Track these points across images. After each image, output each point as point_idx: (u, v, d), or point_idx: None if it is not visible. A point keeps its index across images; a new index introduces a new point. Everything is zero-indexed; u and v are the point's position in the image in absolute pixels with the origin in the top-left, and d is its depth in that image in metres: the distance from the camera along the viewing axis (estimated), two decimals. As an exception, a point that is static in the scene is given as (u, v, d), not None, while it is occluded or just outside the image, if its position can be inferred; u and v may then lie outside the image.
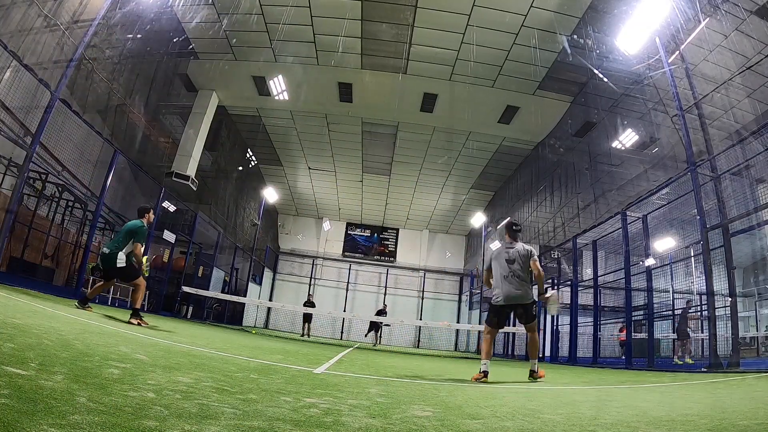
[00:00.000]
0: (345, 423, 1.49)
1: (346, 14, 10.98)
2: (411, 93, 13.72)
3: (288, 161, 19.68)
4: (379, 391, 2.50)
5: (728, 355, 6.10)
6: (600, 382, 4.71)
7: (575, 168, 13.51)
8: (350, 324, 22.55)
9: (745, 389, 3.56)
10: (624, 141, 12.09)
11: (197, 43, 12.58)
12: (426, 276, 24.32)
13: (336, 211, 24.59)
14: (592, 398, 3.02)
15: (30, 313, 3.52)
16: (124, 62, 11.04)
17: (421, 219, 24.32)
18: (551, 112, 13.61)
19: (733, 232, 6.49)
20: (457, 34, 11.26)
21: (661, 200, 9.59)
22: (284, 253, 24.83)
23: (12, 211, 7.26)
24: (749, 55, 8.58)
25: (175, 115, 14.81)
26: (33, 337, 2.27)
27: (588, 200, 12.61)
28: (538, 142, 15.38)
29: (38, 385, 1.33)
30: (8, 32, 7.51)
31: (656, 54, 8.45)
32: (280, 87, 13.98)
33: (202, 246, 16.50)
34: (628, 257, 9.02)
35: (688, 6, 7.95)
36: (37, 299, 5.18)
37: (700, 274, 8.57)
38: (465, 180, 19.38)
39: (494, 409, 2.16)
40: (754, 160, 6.60)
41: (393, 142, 16.86)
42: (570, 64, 11.29)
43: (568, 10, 9.98)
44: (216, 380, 2.06)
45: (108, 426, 1.07)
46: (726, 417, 2.06)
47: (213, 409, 1.41)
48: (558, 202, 14.25)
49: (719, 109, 9.33)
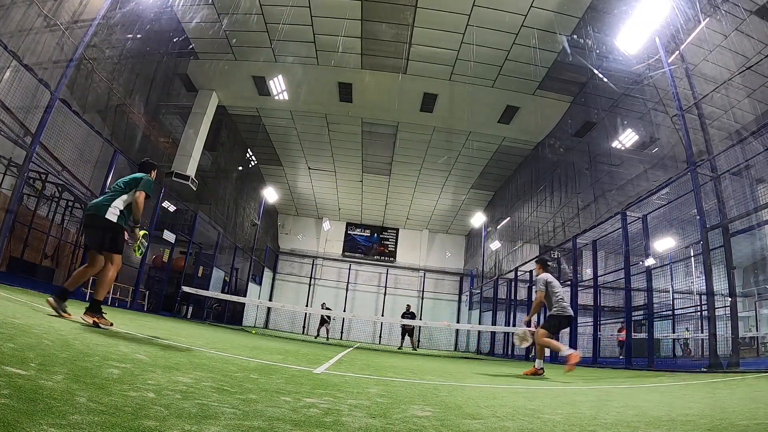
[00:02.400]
0: (345, 423, 1.48)
1: (346, 14, 10.98)
2: (411, 93, 13.72)
3: (288, 161, 19.68)
4: (379, 391, 2.50)
5: (728, 355, 6.09)
6: (600, 382, 4.71)
7: (575, 168, 13.51)
8: (350, 324, 22.55)
9: (745, 389, 3.56)
10: (624, 141, 12.09)
11: (197, 43, 12.58)
12: (426, 276, 24.32)
13: (336, 211, 24.59)
14: (592, 398, 3.02)
15: (30, 313, 3.52)
16: (124, 62, 11.04)
17: (421, 219, 24.32)
18: (551, 112, 13.62)
19: (733, 232, 6.48)
20: (457, 34, 11.26)
21: (661, 200, 9.59)
22: (284, 253, 24.83)
23: (12, 211, 7.27)
24: (749, 55, 8.58)
25: (175, 115, 14.81)
26: (33, 337, 2.27)
27: (588, 200, 12.60)
28: (538, 142, 15.39)
29: (38, 385, 1.33)
30: (8, 32, 7.51)
31: (656, 54, 8.45)
32: (280, 87, 13.98)
33: (202, 246, 16.50)
34: (628, 257, 9.02)
35: (688, 6, 7.95)
36: (37, 299, 5.18)
37: (700, 274, 8.57)
38: (465, 180, 19.38)
39: (494, 409, 2.16)
40: (754, 160, 6.60)
41: (393, 142, 16.86)
42: (570, 64, 11.29)
43: (568, 10, 9.99)
44: (216, 380, 2.06)
45: (108, 426, 1.07)
46: (726, 417, 2.06)
47: (213, 409, 1.41)
48: (558, 202, 14.25)
49: (719, 109, 9.33)
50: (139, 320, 6.49)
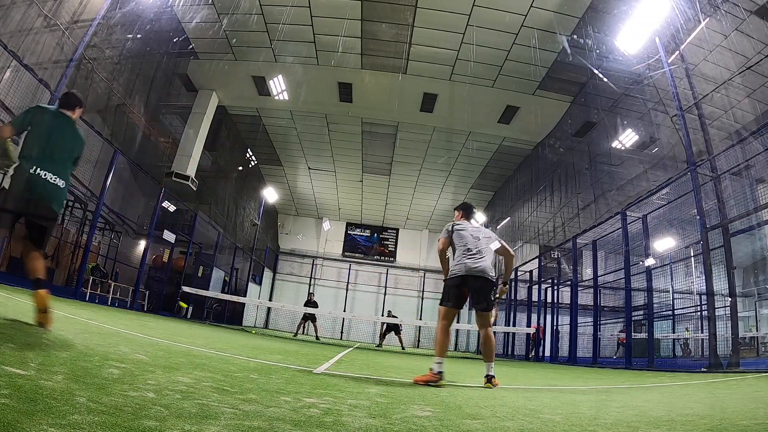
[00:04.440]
0: (345, 423, 1.48)
1: (346, 14, 10.98)
2: (411, 93, 13.72)
3: (288, 161, 19.68)
4: (379, 391, 2.49)
5: (728, 355, 6.10)
6: (600, 382, 4.71)
7: (575, 168, 13.51)
8: (350, 324, 22.55)
9: (745, 389, 3.56)
10: (624, 141, 12.09)
11: (197, 43, 12.58)
12: (426, 276, 24.32)
13: (336, 211, 24.59)
14: (592, 398, 3.02)
15: (30, 313, 3.52)
16: (124, 62, 11.04)
17: (421, 219, 24.32)
18: (551, 112, 13.62)
19: (733, 232, 6.49)
20: (457, 34, 11.26)
21: (661, 200, 9.59)
22: (284, 253, 24.83)
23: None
24: (749, 55, 8.58)
25: (175, 115, 14.82)
26: (33, 337, 2.27)
27: (588, 200, 12.60)
28: (538, 142, 15.39)
29: (38, 385, 1.33)
30: (8, 32, 7.51)
31: (656, 54, 8.45)
32: (280, 87, 13.98)
33: (202, 246, 16.50)
34: (628, 257, 9.02)
35: (688, 6, 7.95)
36: (37, 299, 5.17)
37: (700, 274, 8.57)
38: (465, 180, 19.38)
39: (494, 409, 2.16)
40: (754, 160, 6.61)
41: (393, 142, 16.86)
42: (570, 64, 11.29)
43: (568, 10, 9.99)
44: (216, 380, 2.06)
45: (108, 426, 1.07)
46: (726, 417, 2.06)
47: (213, 409, 1.41)
48: (558, 202, 14.26)
49: (719, 109, 9.33)
50: (139, 320, 6.49)
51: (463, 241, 3.65)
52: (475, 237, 3.68)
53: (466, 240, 3.64)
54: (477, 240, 3.66)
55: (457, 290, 3.55)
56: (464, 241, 3.64)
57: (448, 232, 3.73)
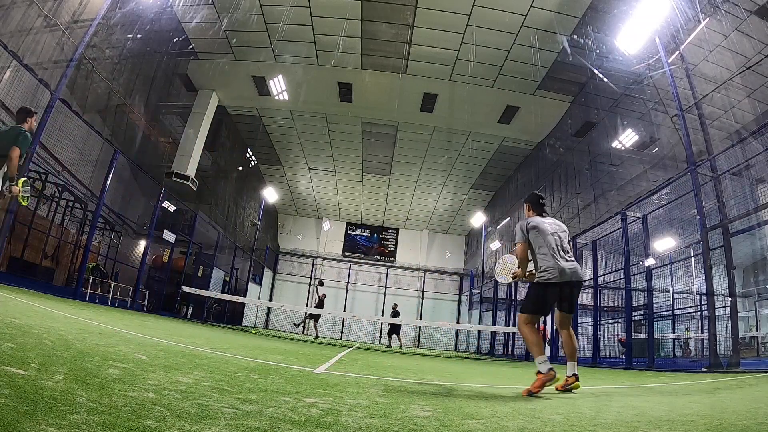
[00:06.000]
0: (345, 423, 1.48)
1: (346, 14, 10.98)
2: (411, 93, 13.72)
3: (288, 161, 19.68)
4: (379, 391, 2.50)
5: (728, 355, 6.09)
6: (600, 382, 4.71)
7: (575, 168, 13.50)
8: (350, 324, 22.55)
9: (745, 389, 3.56)
10: (624, 141, 12.09)
11: (197, 43, 12.58)
12: (426, 276, 24.32)
13: (336, 211, 24.59)
14: (592, 398, 3.02)
15: (30, 313, 3.52)
16: (124, 62, 11.04)
17: (421, 219, 24.32)
18: (551, 112, 13.61)
19: (733, 232, 6.49)
20: (457, 34, 11.26)
21: (661, 200, 9.59)
22: (284, 253, 24.83)
23: (12, 211, 7.27)
24: (749, 55, 8.57)
25: (175, 115, 14.82)
26: (33, 337, 2.27)
27: (588, 200, 12.60)
28: (538, 142, 15.38)
29: (38, 385, 1.33)
30: (8, 32, 7.51)
31: (656, 54, 8.45)
32: (280, 87, 13.98)
33: (202, 246, 16.50)
34: (628, 257, 9.02)
35: (688, 6, 7.95)
36: (37, 299, 5.18)
37: (700, 274, 8.57)
38: (465, 180, 19.38)
39: (494, 409, 2.16)
40: (754, 160, 6.60)
41: (393, 142, 16.86)
42: (570, 64, 11.29)
43: (568, 10, 9.98)
44: (216, 380, 2.06)
45: (108, 426, 1.07)
46: (726, 417, 2.06)
47: (213, 409, 1.41)
48: (558, 202, 14.25)
49: (719, 109, 9.32)
50: (139, 320, 6.49)
51: (545, 240, 3.24)
52: (554, 234, 3.28)
53: (549, 239, 3.24)
54: (559, 238, 3.28)
55: (547, 297, 3.20)
56: (546, 239, 3.24)
57: (524, 233, 3.30)
